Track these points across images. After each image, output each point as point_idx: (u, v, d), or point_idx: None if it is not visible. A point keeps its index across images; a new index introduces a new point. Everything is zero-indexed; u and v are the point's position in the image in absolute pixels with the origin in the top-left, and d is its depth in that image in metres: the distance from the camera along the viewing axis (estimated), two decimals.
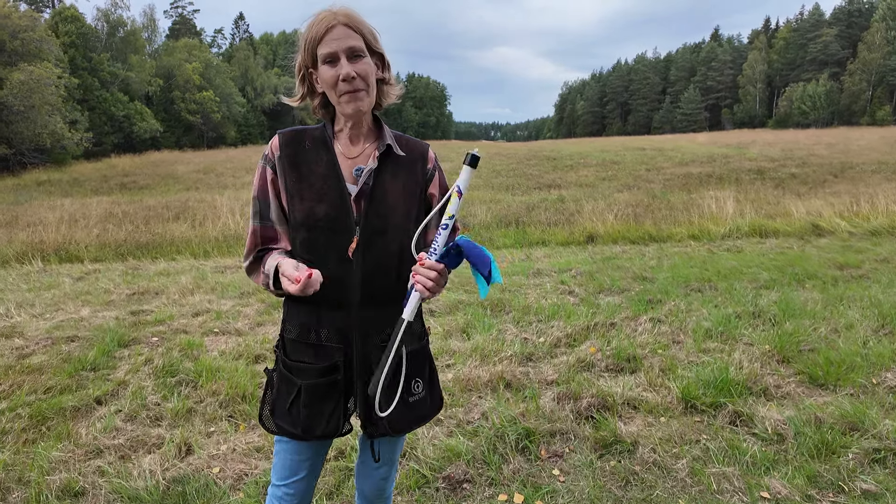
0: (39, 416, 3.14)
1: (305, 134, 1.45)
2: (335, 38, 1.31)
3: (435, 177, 1.52)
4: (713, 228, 9.86)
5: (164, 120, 47.50)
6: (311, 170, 1.41)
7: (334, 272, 1.39)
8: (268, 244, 1.47)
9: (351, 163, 1.43)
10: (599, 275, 6.38)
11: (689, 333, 4.18)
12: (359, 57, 1.34)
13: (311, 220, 1.39)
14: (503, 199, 15.72)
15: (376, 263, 1.41)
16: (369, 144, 1.46)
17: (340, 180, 1.40)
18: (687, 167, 23.76)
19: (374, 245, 1.41)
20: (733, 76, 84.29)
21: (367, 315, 1.44)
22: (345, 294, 1.41)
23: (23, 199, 18.74)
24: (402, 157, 1.45)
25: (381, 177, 1.42)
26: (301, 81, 1.43)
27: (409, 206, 1.45)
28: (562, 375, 3.44)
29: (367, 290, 1.42)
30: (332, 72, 1.33)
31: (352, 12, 1.35)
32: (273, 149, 1.44)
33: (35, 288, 6.74)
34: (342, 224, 1.39)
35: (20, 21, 31.30)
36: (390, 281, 1.45)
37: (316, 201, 1.39)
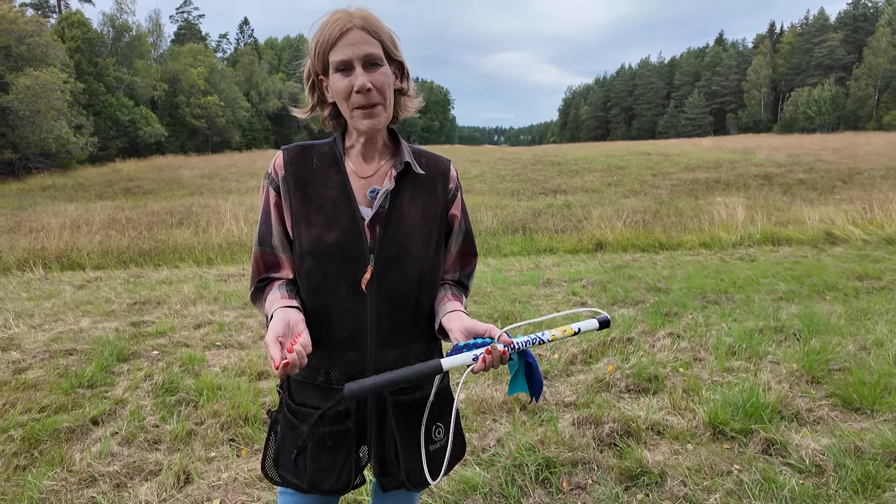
0: (32, 439, 2.99)
1: (313, 150, 1.29)
2: (350, 43, 1.15)
3: (457, 197, 1.37)
4: (724, 236, 9.68)
5: (169, 124, 47.58)
6: (319, 192, 1.25)
7: (346, 306, 1.24)
8: (270, 272, 1.32)
9: (364, 183, 1.28)
10: (612, 285, 6.21)
11: (711, 350, 4.00)
12: (376, 66, 1.18)
13: (320, 248, 1.23)
14: (509, 205, 15.56)
15: (393, 295, 1.26)
16: (385, 162, 1.30)
17: (352, 203, 1.24)
18: (693, 172, 23.57)
19: (390, 275, 1.25)
20: (738, 81, 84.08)
21: (382, 354, 1.28)
22: (357, 331, 1.26)
23: (27, 204, 18.69)
24: (422, 175, 1.30)
25: (399, 198, 1.26)
26: (310, 90, 1.27)
27: (430, 229, 1.29)
28: (580, 397, 3.27)
29: (383, 325, 1.27)
30: (344, 82, 1.17)
31: (370, 14, 1.19)
32: (276, 168, 1.28)
33: (35, 297, 6.61)
34: (354, 252, 1.23)
35: (26, 26, 31.40)
36: (408, 314, 1.29)
37: (325, 227, 1.23)
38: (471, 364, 1.14)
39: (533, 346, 1.18)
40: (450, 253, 1.39)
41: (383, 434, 1.32)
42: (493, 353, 1.12)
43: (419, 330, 1.33)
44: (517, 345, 1.16)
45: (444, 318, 1.28)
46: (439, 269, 1.35)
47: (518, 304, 5.48)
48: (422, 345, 1.34)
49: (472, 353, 1.14)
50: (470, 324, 1.20)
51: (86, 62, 40.02)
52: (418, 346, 1.33)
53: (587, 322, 1.21)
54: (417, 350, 1.32)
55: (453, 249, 1.39)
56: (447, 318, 1.26)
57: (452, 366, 1.14)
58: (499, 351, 1.12)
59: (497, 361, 1.13)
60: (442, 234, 1.34)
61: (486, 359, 1.12)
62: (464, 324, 1.21)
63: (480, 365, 1.12)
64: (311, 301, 1.26)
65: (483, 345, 1.15)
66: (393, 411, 1.30)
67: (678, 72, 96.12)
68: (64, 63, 34.50)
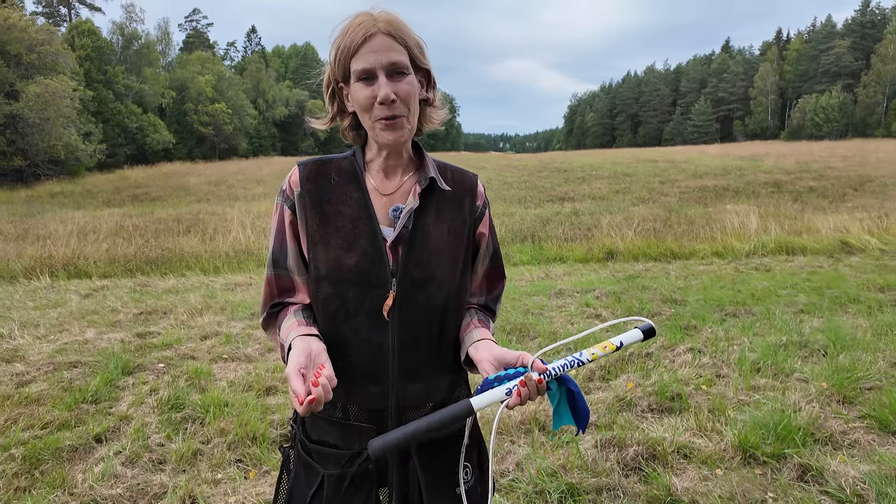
0: (34, 458, 2.89)
1: (331, 165, 1.19)
2: (374, 49, 1.05)
3: (485, 214, 1.26)
4: (737, 245, 9.52)
5: (177, 132, 47.85)
6: (338, 210, 1.15)
7: (366, 335, 1.14)
8: (284, 296, 1.21)
9: (386, 200, 1.17)
10: (625, 296, 6.08)
11: (734, 367, 3.86)
12: (402, 75, 1.08)
13: (338, 272, 1.13)
14: (516, 213, 15.45)
15: (417, 323, 1.15)
16: (408, 178, 1.20)
17: (373, 223, 1.14)
18: (702, 180, 23.40)
19: (414, 301, 1.14)
20: (745, 88, 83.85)
21: (405, 387, 1.17)
22: (378, 362, 1.15)
23: (35, 211, 18.74)
24: (448, 192, 1.19)
25: (423, 217, 1.16)
26: (330, 98, 1.17)
27: (456, 250, 1.19)
28: (601, 417, 3.14)
29: (406, 356, 1.16)
30: (367, 91, 1.07)
31: (396, 18, 1.09)
32: (292, 184, 1.18)
33: (41, 306, 6.55)
34: (375, 277, 1.13)
35: (37, 35, 31.69)
36: (433, 344, 1.18)
37: (344, 249, 1.13)
38: (504, 399, 1.02)
39: (571, 370, 1.06)
40: (476, 275, 1.28)
41: (406, 475, 1.21)
42: (528, 383, 1.01)
43: (445, 361, 1.21)
44: (553, 371, 1.04)
45: (471, 347, 1.17)
46: (466, 293, 1.25)
47: (531, 316, 5.35)
48: (448, 377, 1.23)
49: (505, 387, 1.03)
50: (500, 353, 1.10)
51: (95, 70, 40.36)
52: (445, 378, 1.22)
53: (629, 334, 1.08)
54: (444, 383, 1.21)
55: (480, 271, 1.28)
56: (474, 348, 1.16)
57: (484, 405, 1.03)
58: (534, 381, 1.01)
59: (534, 393, 1.02)
60: (469, 255, 1.23)
61: (521, 392, 1.01)
62: (493, 353, 1.10)
63: (516, 399, 1.01)
64: (328, 329, 1.16)
65: (516, 375, 1.04)
66: (416, 451, 1.19)
67: (684, 79, 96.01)
68: (73, 71, 34.79)
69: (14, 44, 30.53)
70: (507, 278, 6.61)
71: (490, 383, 1.05)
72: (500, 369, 1.08)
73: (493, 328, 1.29)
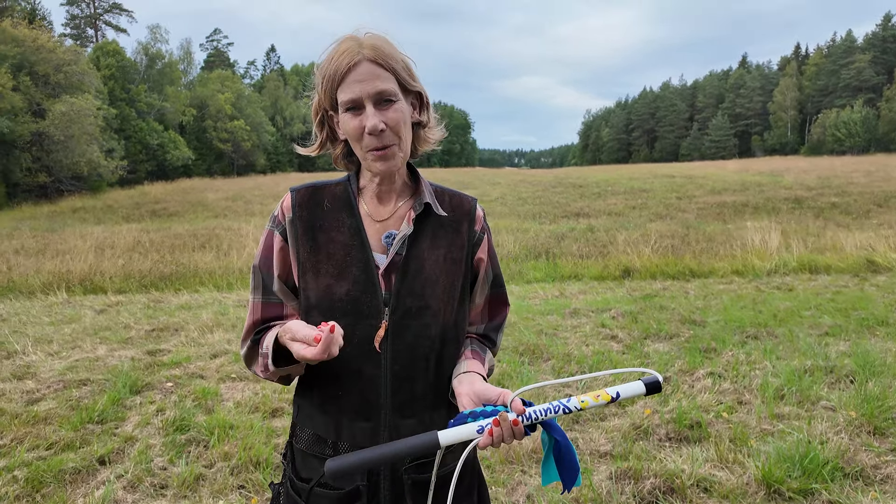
0: (36, 481, 2.85)
1: (325, 191, 1.15)
2: (359, 79, 1.01)
3: (484, 240, 1.20)
4: (758, 263, 9.30)
5: (196, 148, 48.77)
6: (330, 237, 1.10)
7: (356, 368, 1.08)
8: (270, 322, 1.15)
9: (380, 227, 1.12)
10: (643, 316, 5.93)
11: (756, 393, 3.70)
12: (389, 102, 1.04)
13: (328, 302, 1.07)
14: (531, 228, 15.35)
15: (411, 355, 1.09)
16: (403, 203, 1.15)
17: (366, 250, 1.09)
18: (720, 196, 23.10)
19: (407, 331, 1.08)
20: (763, 103, 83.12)
21: (398, 423, 1.10)
22: (370, 396, 1.09)
23: (57, 226, 19.12)
24: (444, 217, 1.14)
25: (418, 244, 1.11)
26: (319, 126, 1.13)
27: (453, 278, 1.13)
28: (616, 445, 3.01)
29: (400, 390, 1.09)
30: (355, 122, 1.03)
31: (381, 43, 1.04)
32: (284, 210, 1.13)
33: (56, 321, 6.60)
34: (367, 306, 1.07)
35: (64, 55, 32.72)
36: (429, 377, 1.11)
37: (335, 277, 1.08)
38: (475, 438, 0.95)
39: (555, 416, 0.96)
40: (475, 303, 1.22)
41: None
42: (501, 423, 0.93)
43: (441, 395, 1.15)
44: (534, 415, 0.96)
45: (455, 379, 1.11)
46: (464, 323, 1.18)
47: (544, 337, 5.23)
48: (445, 413, 1.16)
49: (478, 425, 0.95)
50: (481, 388, 1.03)
51: (119, 89, 41.43)
52: (441, 414, 1.15)
53: (630, 386, 0.97)
54: (439, 419, 1.14)
55: (479, 299, 1.22)
56: (458, 381, 1.09)
57: (453, 440, 0.95)
58: (509, 421, 0.93)
59: (508, 435, 0.94)
60: (467, 283, 1.17)
61: (493, 431, 0.93)
62: (474, 388, 1.04)
63: (487, 439, 0.94)
64: (316, 364, 1.09)
65: (494, 413, 0.97)
66: (411, 493, 1.11)
67: (701, 94, 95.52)
68: (98, 90, 35.77)
69: (42, 64, 31.53)
70: (521, 297, 6.46)
71: (464, 418, 0.98)
72: (480, 405, 1.01)
73: (490, 359, 1.22)
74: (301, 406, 1.16)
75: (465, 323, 1.19)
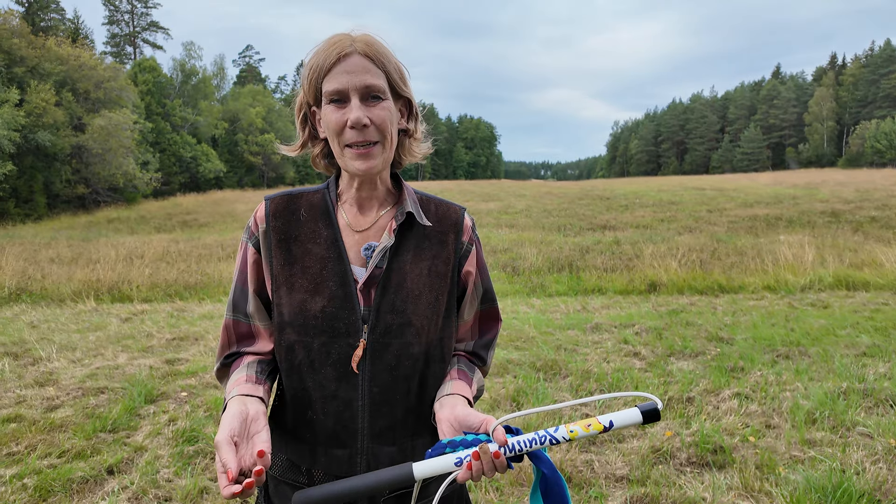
0: (44, 489, 2.86)
1: (301, 199, 1.08)
2: (348, 70, 0.95)
3: (472, 251, 1.12)
4: (791, 279, 8.94)
5: (228, 161, 50.05)
6: (305, 249, 1.03)
7: (331, 390, 1.00)
8: (242, 345, 1.08)
9: (359, 238, 1.05)
10: (668, 333, 5.72)
11: (786, 416, 3.50)
12: (377, 99, 0.97)
13: (302, 319, 1.00)
14: (554, 241, 15.15)
15: (391, 376, 1.01)
16: (385, 212, 1.08)
17: (343, 263, 1.02)
18: (752, 209, 22.47)
19: (387, 351, 1.01)
20: (798, 114, 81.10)
21: (377, 451, 1.02)
22: (346, 421, 1.01)
23: (92, 235, 19.73)
24: (429, 227, 1.07)
25: (400, 256, 1.03)
26: (301, 123, 1.07)
27: (437, 292, 1.05)
28: (634, 469, 2.86)
29: (378, 415, 1.02)
30: (337, 114, 0.97)
31: (375, 40, 0.99)
32: (258, 220, 1.07)
33: (83, 329, 6.73)
34: (343, 323, 1.00)
35: (104, 72, 34.08)
36: (410, 401, 1.03)
37: (310, 292, 1.01)
38: (454, 471, 0.87)
39: (541, 447, 0.88)
40: (463, 319, 1.14)
41: None
42: (482, 456, 0.85)
43: (424, 421, 1.07)
44: (518, 446, 0.87)
45: (436, 403, 1.02)
46: (451, 340, 1.10)
47: (563, 352, 5.09)
48: (428, 439, 1.07)
49: (456, 456, 0.87)
50: (463, 414, 0.94)
51: (155, 103, 42.88)
52: (423, 442, 1.06)
53: (625, 413, 0.89)
54: (422, 447, 1.05)
55: (467, 315, 1.14)
56: (439, 404, 1.01)
57: (428, 473, 0.87)
58: (490, 454, 0.85)
59: (489, 468, 0.85)
60: (453, 298, 1.09)
61: (472, 465, 0.85)
62: (455, 414, 0.95)
63: (465, 473, 0.86)
64: (291, 383, 1.03)
65: (475, 443, 0.89)
66: None
67: (732, 105, 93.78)
68: (135, 104, 37.08)
69: (84, 81, 32.89)
70: (541, 310, 6.31)
71: (442, 448, 0.89)
72: (460, 433, 0.93)
73: (478, 379, 1.13)
74: (274, 429, 1.10)
75: (452, 341, 1.11)
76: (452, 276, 1.08)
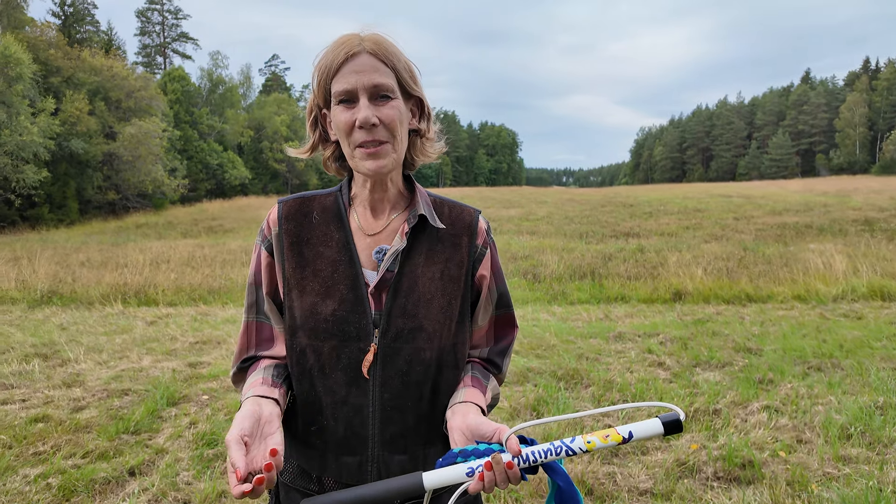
0: (67, 489, 2.90)
1: (314, 202, 1.07)
2: (356, 69, 0.94)
3: (486, 255, 1.09)
4: (823, 289, 8.66)
5: (253, 168, 50.94)
6: (317, 252, 1.02)
7: (341, 396, 0.98)
8: (260, 348, 1.07)
9: (371, 241, 1.04)
10: (693, 343, 5.58)
11: (819, 431, 3.36)
12: (386, 98, 0.95)
13: (313, 322, 0.99)
14: (576, 248, 14.99)
15: (402, 382, 0.99)
16: (397, 215, 1.06)
17: (355, 266, 1.00)
18: (781, 216, 21.94)
19: (398, 356, 0.99)
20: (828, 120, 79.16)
21: (388, 459, 1.00)
22: (356, 428, 0.99)
23: (121, 240, 20.23)
24: (442, 230, 1.05)
25: (412, 259, 1.01)
26: (312, 126, 1.05)
27: (451, 296, 1.02)
28: (658, 483, 2.78)
29: (389, 422, 0.99)
30: (346, 115, 0.95)
31: (385, 39, 0.97)
32: (270, 223, 1.07)
33: (110, 332, 6.87)
34: (354, 327, 0.98)
35: (135, 82, 35.08)
36: (423, 408, 1.01)
37: (321, 296, 1.00)
38: (465, 482, 0.84)
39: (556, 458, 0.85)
40: (477, 324, 1.11)
41: None
42: (494, 467, 0.81)
43: (436, 428, 1.04)
44: (532, 456, 0.84)
45: (449, 410, 1.00)
46: (464, 346, 1.07)
47: (585, 361, 5.00)
48: (441, 448, 1.04)
49: (468, 465, 0.84)
50: (475, 423, 0.91)
51: (183, 112, 43.93)
52: (436, 449, 1.04)
53: (646, 424, 0.85)
54: (434, 455, 1.03)
55: (482, 320, 1.11)
56: (451, 412, 0.98)
57: (438, 483, 0.84)
58: (503, 464, 0.82)
59: (502, 479, 0.82)
60: (467, 303, 1.06)
61: (484, 475, 0.82)
62: (467, 422, 0.92)
63: (477, 484, 0.82)
64: (302, 388, 1.02)
65: (487, 453, 0.86)
66: None
67: (760, 111, 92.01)
68: (164, 113, 38.05)
69: (116, 90, 33.91)
70: (563, 318, 6.22)
71: (453, 457, 0.87)
72: (472, 442, 0.90)
73: (493, 387, 1.09)
74: (285, 435, 1.08)
75: (466, 347, 1.08)
76: (466, 280, 1.05)
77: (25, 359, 5.34)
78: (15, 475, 3.01)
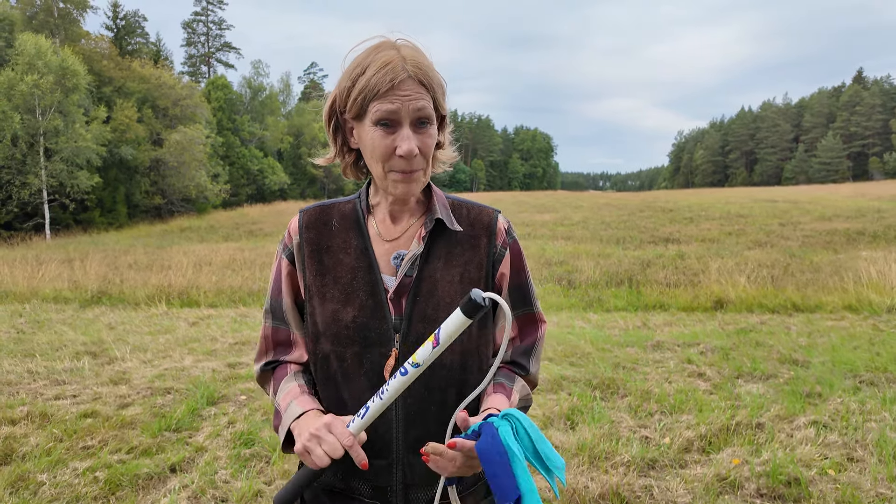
0: (114, 483, 3.01)
1: (334, 210, 1.09)
2: (402, 95, 0.93)
3: (506, 255, 1.08)
4: (876, 299, 8.23)
5: (292, 173, 52.17)
6: (337, 259, 1.04)
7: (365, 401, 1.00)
8: (280, 352, 1.11)
9: (389, 247, 1.05)
10: (735, 353, 5.40)
11: (871, 449, 3.19)
12: (425, 125, 0.96)
13: (335, 329, 1.01)
14: (613, 254, 14.72)
15: (425, 387, 1.00)
16: (415, 221, 1.07)
17: (374, 272, 1.02)
18: (830, 222, 21.02)
19: None
20: (883, 121, 75.48)
21: (412, 463, 1.02)
22: (381, 433, 1.01)
23: (166, 243, 21.01)
24: (461, 233, 1.05)
25: (430, 263, 1.02)
26: (334, 132, 1.05)
27: None
28: (697, 498, 2.69)
29: (414, 425, 1.01)
30: (387, 140, 0.95)
31: (421, 58, 0.97)
32: (291, 233, 1.09)
33: (154, 332, 7.12)
34: (375, 333, 1.00)
35: (181, 91, 36.47)
36: (447, 411, 1.01)
37: (342, 302, 1.02)
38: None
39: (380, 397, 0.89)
40: (498, 325, 1.10)
41: None
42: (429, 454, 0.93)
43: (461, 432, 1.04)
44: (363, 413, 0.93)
45: None
46: (488, 349, 1.07)
47: (621, 371, 4.90)
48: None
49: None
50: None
51: (225, 119, 45.38)
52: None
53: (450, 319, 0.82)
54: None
55: (502, 320, 1.10)
56: None
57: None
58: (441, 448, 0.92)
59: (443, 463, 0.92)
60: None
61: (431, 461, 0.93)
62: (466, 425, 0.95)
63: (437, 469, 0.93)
64: (328, 393, 1.04)
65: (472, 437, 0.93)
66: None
67: (808, 113, 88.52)
68: (208, 120, 39.42)
69: (163, 99, 35.35)
70: (599, 325, 6.10)
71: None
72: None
73: (520, 389, 1.08)
74: None
75: (489, 349, 1.08)
76: (487, 282, 1.05)
77: (76, 356, 5.59)
78: (65, 468, 3.14)
